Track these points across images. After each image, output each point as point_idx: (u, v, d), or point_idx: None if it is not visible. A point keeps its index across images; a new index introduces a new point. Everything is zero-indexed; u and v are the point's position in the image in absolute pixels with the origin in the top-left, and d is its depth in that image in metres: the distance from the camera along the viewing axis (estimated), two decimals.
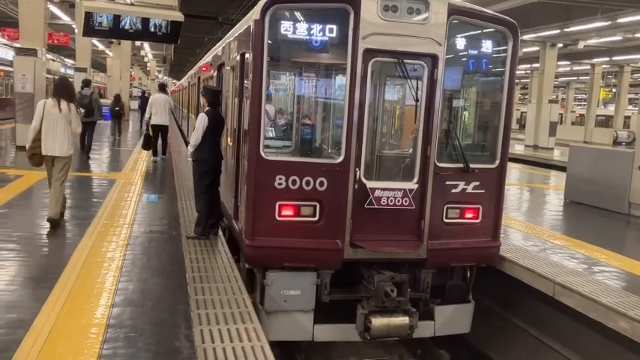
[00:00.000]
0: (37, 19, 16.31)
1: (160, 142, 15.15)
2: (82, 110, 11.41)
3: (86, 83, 15.35)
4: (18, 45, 17.91)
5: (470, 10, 6.44)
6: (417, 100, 6.31)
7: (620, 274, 6.91)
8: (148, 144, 14.12)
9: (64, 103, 7.53)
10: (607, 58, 35.50)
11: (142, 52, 43.59)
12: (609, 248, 8.03)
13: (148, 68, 57.18)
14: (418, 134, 6.36)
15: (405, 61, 6.15)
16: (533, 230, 9.04)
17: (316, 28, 5.96)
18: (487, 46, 6.64)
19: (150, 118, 14.59)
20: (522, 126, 41.70)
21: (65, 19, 26.58)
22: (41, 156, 7.57)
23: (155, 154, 15.06)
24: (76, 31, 22.30)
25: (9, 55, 32.43)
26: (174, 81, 66.56)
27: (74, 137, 7.89)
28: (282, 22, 5.92)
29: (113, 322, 4.66)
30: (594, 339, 6.01)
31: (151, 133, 14.50)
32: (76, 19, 21.29)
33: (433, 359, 7.21)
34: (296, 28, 5.95)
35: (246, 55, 6.45)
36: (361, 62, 5.99)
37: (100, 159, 15.31)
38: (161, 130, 14.96)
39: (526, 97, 45.68)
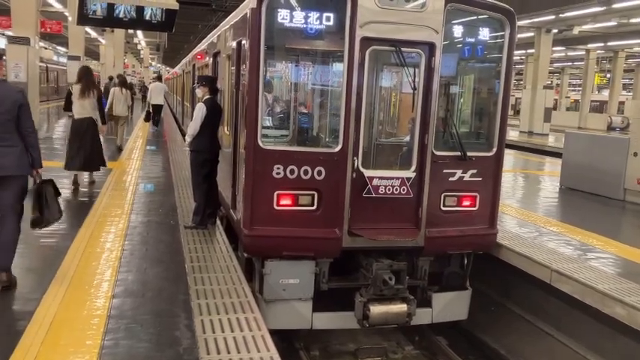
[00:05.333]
0: (29, 7, 16.16)
1: (156, 117, 20.41)
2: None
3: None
4: (10, 33, 17.71)
5: None
6: (414, 89, 6.30)
7: (616, 260, 6.96)
8: (148, 118, 19.42)
9: (124, 90, 14.69)
10: (602, 44, 35.46)
11: (135, 40, 43.22)
12: (605, 235, 8.07)
13: (142, 56, 56.72)
14: (416, 123, 6.36)
15: (402, 49, 6.13)
16: (529, 217, 9.08)
17: (313, 16, 5.92)
18: (484, 33, 6.62)
19: (150, 99, 19.93)
20: (517, 112, 41.67)
21: (57, 6, 26.30)
22: (113, 115, 14.25)
23: (154, 124, 20.50)
24: (69, 19, 22.11)
25: (1, 43, 32.10)
26: (168, 68, 66.03)
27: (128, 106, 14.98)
28: (279, 9, 5.88)
29: (114, 312, 4.67)
30: (590, 325, 6.07)
31: (150, 110, 19.71)
32: (69, 7, 21.14)
33: (430, 346, 7.26)
34: (293, 16, 5.91)
35: (243, 43, 6.42)
36: (358, 50, 5.97)
37: None
38: (157, 108, 20.24)
39: (521, 82, 45.64)
